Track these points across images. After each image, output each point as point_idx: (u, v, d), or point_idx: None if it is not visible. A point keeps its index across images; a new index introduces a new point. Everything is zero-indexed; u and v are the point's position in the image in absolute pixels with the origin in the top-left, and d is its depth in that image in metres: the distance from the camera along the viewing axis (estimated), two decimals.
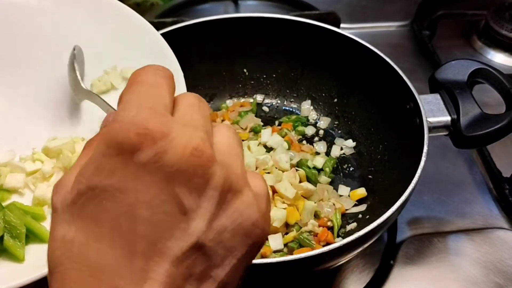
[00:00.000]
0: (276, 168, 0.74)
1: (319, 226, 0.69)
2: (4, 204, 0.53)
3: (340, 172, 0.78)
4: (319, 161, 0.77)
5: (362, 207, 0.72)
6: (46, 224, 0.52)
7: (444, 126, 0.67)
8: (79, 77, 0.59)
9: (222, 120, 0.83)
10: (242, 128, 0.82)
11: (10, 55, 0.63)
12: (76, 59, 0.60)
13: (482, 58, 1.02)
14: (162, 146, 0.28)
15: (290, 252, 0.66)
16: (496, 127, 0.65)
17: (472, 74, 0.69)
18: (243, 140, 0.80)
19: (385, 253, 0.71)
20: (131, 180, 0.28)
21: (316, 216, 0.71)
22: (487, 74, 0.69)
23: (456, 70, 0.70)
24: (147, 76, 0.32)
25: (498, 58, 1.03)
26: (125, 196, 0.28)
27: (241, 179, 0.31)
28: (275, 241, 0.66)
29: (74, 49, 0.61)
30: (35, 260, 0.49)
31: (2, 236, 0.48)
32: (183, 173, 0.28)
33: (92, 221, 0.28)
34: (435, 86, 0.71)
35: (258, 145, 0.78)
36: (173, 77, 0.33)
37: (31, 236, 0.50)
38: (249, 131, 0.82)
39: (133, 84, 0.32)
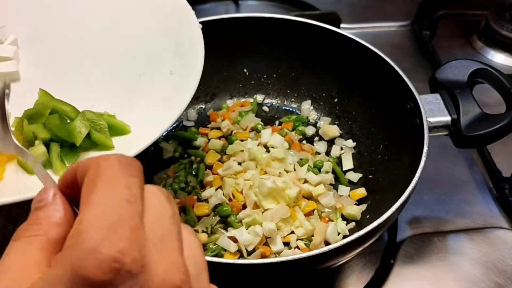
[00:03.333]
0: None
1: None
2: None
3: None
4: (327, 165, 0.77)
5: (362, 207, 0.72)
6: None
7: (444, 126, 0.67)
8: (10, 127, 0.48)
9: (222, 120, 0.83)
10: (242, 128, 0.82)
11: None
12: (7, 101, 0.50)
13: (482, 58, 1.02)
14: (138, 283, 0.24)
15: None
16: (496, 127, 0.65)
17: (472, 74, 0.69)
18: (242, 140, 0.80)
19: (385, 253, 0.71)
20: None
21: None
22: (487, 74, 0.69)
23: (456, 70, 0.70)
24: (116, 174, 0.27)
25: (498, 58, 1.03)
26: None
27: None
28: (274, 243, 0.67)
29: (4, 87, 0.52)
30: (122, 146, 0.54)
31: (88, 133, 0.53)
32: None
33: None
34: (435, 86, 0.71)
35: (258, 145, 0.78)
36: (142, 169, 0.29)
37: (110, 132, 0.55)
38: (250, 131, 0.82)
39: (97, 187, 0.26)
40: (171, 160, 0.78)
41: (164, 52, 0.63)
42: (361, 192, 0.73)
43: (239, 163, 0.75)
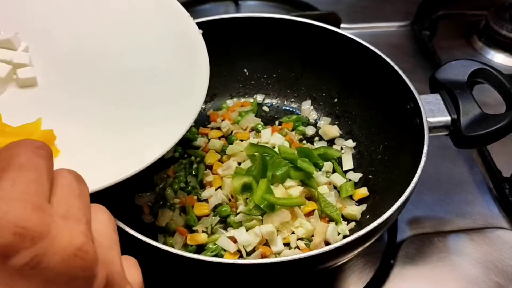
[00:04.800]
0: None
1: None
2: None
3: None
4: (327, 165, 0.77)
5: (362, 207, 0.72)
6: None
7: (444, 126, 0.67)
8: None
9: (222, 120, 0.83)
10: (242, 128, 0.82)
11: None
12: None
13: (482, 58, 1.03)
14: (41, 247, 0.26)
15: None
16: (496, 127, 0.65)
17: (472, 74, 0.69)
18: (242, 140, 0.80)
19: (385, 253, 0.71)
20: (5, 286, 0.26)
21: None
22: (487, 74, 0.69)
23: (456, 70, 0.70)
24: (25, 158, 0.29)
25: (498, 58, 1.03)
26: None
27: (121, 276, 0.31)
28: (274, 244, 0.66)
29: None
30: (132, 161, 0.54)
31: None
32: (64, 276, 0.27)
33: None
34: (435, 86, 0.71)
35: None
36: (52, 154, 0.31)
37: None
38: (250, 131, 0.82)
39: (9, 168, 0.29)
40: (171, 160, 0.77)
41: (169, 61, 0.63)
42: (363, 192, 0.73)
43: (239, 163, 0.75)
